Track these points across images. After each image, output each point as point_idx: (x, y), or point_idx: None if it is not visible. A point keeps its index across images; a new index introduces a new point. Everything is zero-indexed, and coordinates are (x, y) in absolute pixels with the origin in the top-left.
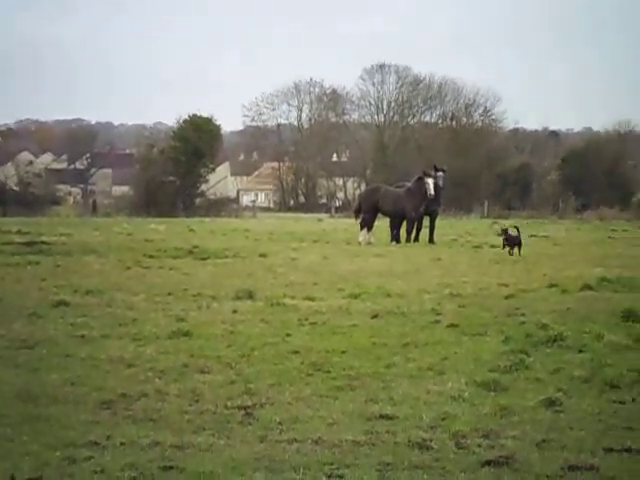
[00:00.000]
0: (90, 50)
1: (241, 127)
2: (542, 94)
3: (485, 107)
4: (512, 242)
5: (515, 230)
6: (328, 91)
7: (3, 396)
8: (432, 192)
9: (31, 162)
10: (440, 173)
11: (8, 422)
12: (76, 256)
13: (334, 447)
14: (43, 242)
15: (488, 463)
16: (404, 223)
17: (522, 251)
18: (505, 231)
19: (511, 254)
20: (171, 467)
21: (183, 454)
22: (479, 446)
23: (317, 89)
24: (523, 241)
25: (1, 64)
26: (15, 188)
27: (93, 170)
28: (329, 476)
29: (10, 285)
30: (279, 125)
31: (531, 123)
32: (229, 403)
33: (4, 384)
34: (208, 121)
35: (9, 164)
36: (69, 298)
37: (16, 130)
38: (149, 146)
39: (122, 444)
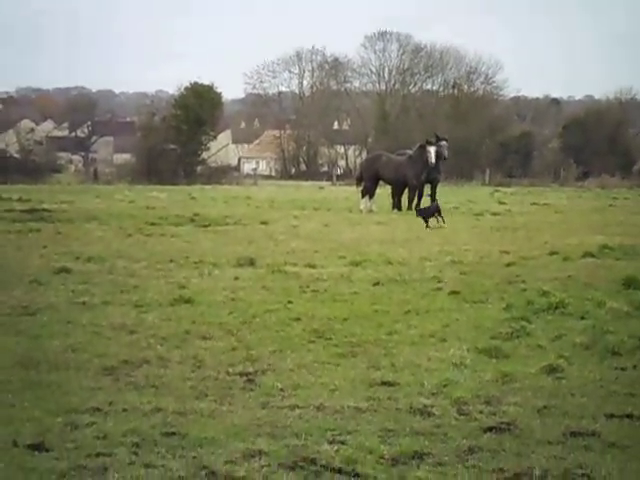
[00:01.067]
0: (91, 18)
1: (242, 95)
2: (542, 62)
3: (486, 75)
4: (426, 214)
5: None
6: (330, 59)
7: (4, 363)
8: (433, 160)
9: (32, 130)
10: (443, 142)
11: (10, 388)
12: (77, 223)
13: (336, 413)
14: (44, 209)
15: (490, 429)
16: (405, 191)
17: (444, 219)
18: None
19: (428, 227)
20: (173, 433)
21: (185, 420)
22: (480, 412)
23: (319, 57)
24: (441, 207)
25: (1, 32)
26: (16, 156)
27: (94, 138)
28: (331, 442)
29: (11, 252)
30: (280, 93)
31: (532, 91)
32: (231, 370)
33: (5, 351)
34: (209, 89)
35: (10, 131)
36: (70, 265)
37: (17, 98)
38: (150, 114)
39: (124, 410)
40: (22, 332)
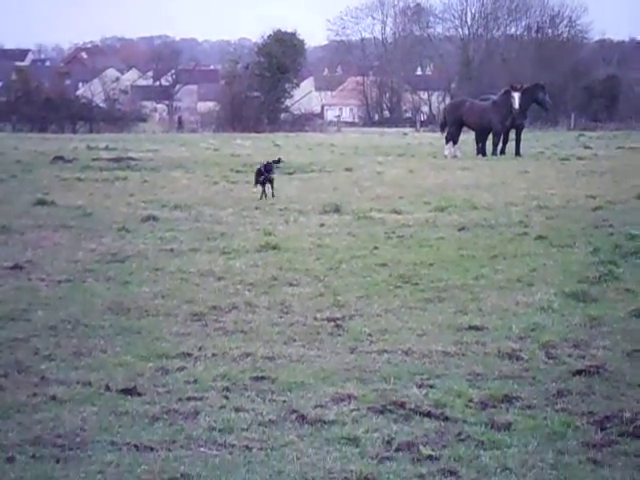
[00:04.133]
0: None
1: (325, 42)
2: (628, 4)
3: (570, 18)
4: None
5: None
6: (412, 4)
7: (96, 309)
8: (517, 106)
9: (117, 79)
10: (542, 94)
11: (101, 334)
12: (163, 171)
13: (424, 357)
14: (130, 158)
15: (579, 373)
16: (490, 136)
17: (273, 190)
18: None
19: (263, 197)
20: (263, 377)
21: (274, 365)
22: (569, 356)
23: (401, 2)
24: (274, 176)
25: None
26: (102, 105)
27: (178, 87)
28: (420, 386)
29: (99, 200)
30: (363, 39)
31: (618, 34)
32: (318, 315)
33: (96, 297)
34: (292, 36)
35: (95, 81)
36: (157, 213)
37: (102, 47)
38: (233, 62)
39: (214, 355)
40: (112, 279)
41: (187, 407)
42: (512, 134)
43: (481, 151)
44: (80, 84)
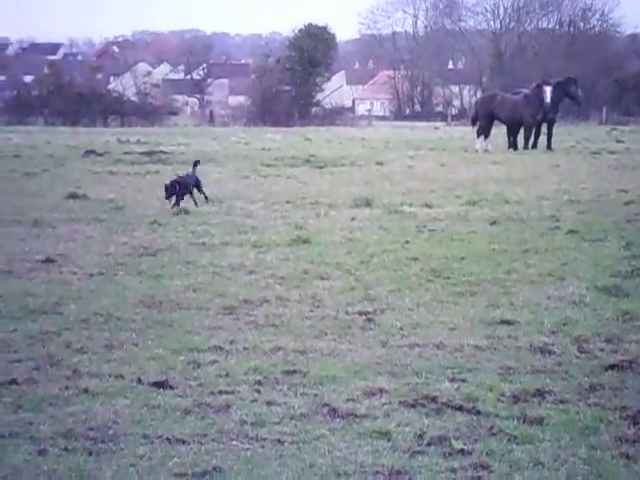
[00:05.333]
0: None
1: (356, 36)
2: None
3: (603, 12)
4: (172, 192)
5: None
6: None
7: (128, 302)
8: (549, 100)
9: (149, 73)
10: (574, 88)
11: (133, 327)
12: None
13: (456, 352)
14: (162, 151)
15: (611, 367)
16: (521, 130)
17: (203, 197)
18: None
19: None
20: (294, 371)
21: (306, 359)
22: (601, 350)
23: None
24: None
25: None
26: (133, 99)
27: (210, 80)
28: (451, 380)
29: (131, 194)
30: (394, 33)
31: None
32: (350, 309)
33: (128, 290)
34: (323, 30)
35: (127, 75)
36: (189, 207)
37: (133, 41)
38: (265, 56)
39: (245, 349)
40: (143, 272)
41: (219, 400)
42: (544, 128)
43: (512, 145)
44: (112, 78)
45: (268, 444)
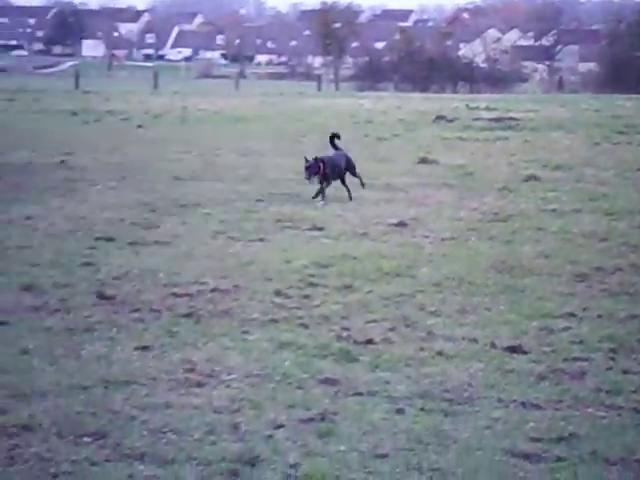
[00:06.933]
0: None
1: None
2: None
3: None
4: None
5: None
6: None
7: (479, 266)
8: None
9: (498, 39)
10: None
11: (485, 292)
12: (543, 132)
13: None
14: (511, 118)
15: None
16: None
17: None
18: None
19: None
20: None
21: None
22: None
23: None
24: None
25: None
26: (482, 65)
27: (559, 47)
28: None
29: (480, 160)
30: None
31: None
32: None
33: (480, 255)
34: None
35: (477, 41)
36: (539, 173)
37: (483, 7)
38: (616, 21)
39: (599, 316)
40: (494, 237)
41: (573, 367)
42: None
43: None
44: (461, 44)
45: (624, 412)
